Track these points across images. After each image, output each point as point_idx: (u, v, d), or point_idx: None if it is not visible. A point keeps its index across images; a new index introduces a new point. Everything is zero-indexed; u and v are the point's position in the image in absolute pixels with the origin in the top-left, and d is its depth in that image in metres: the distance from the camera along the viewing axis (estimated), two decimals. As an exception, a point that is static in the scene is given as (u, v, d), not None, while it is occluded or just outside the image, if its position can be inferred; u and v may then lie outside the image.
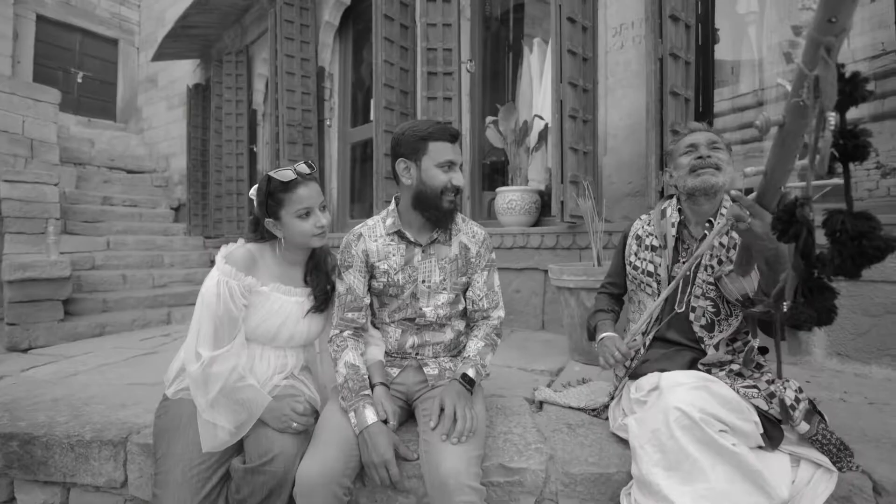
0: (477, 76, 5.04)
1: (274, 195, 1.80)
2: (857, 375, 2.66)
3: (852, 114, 2.96)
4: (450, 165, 1.83)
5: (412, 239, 1.93)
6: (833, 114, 0.85)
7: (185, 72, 9.48)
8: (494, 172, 5.39)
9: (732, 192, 1.39)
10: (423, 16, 4.69)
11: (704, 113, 3.40)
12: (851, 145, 0.87)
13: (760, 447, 1.54)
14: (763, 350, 1.89)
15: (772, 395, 1.58)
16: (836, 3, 0.75)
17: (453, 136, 1.85)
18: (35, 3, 10.28)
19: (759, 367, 1.79)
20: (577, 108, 3.64)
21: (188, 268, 6.86)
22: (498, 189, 4.40)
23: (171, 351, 3.74)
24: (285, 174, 1.78)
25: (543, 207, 4.36)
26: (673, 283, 1.74)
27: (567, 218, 3.58)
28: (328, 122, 6.59)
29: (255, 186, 1.88)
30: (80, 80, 11.13)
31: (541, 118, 4.51)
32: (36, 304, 4.54)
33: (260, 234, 1.90)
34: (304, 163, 1.85)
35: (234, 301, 1.70)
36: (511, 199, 4.24)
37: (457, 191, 1.86)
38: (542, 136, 4.55)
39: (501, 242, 4.21)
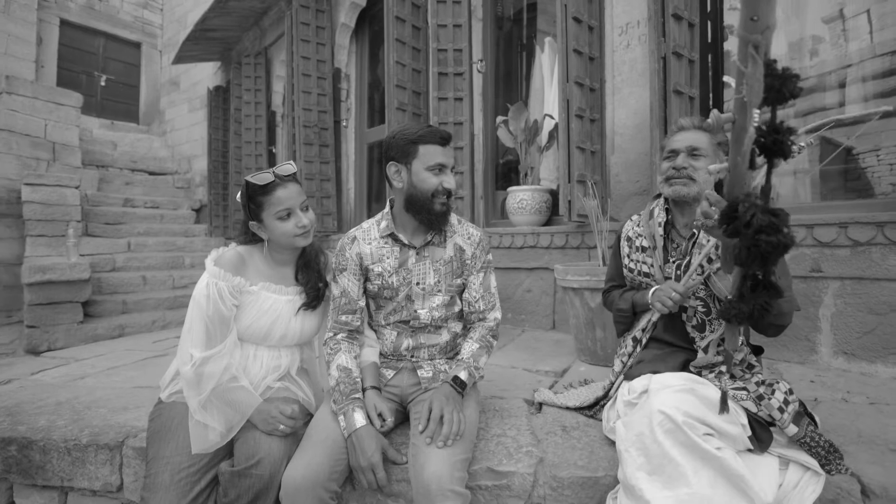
0: (489, 76, 5.04)
1: (253, 199, 1.84)
2: (863, 374, 2.63)
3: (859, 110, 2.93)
4: (440, 168, 1.84)
5: (406, 241, 1.94)
6: (757, 110, 0.86)
7: (206, 74, 9.60)
8: (510, 172, 5.38)
9: (706, 191, 1.38)
10: (433, 16, 4.70)
11: (708, 112, 3.36)
12: (770, 140, 0.87)
13: (749, 450, 1.53)
14: (758, 350, 1.88)
15: (760, 398, 1.57)
16: (755, 2, 0.76)
17: (443, 139, 1.86)
18: (59, 7, 10.43)
19: (749, 367, 1.77)
20: (584, 107, 3.62)
21: (208, 268, 6.89)
22: (509, 189, 4.40)
23: (182, 353, 3.80)
24: (262, 177, 1.82)
25: (554, 207, 4.34)
26: (694, 264, 1.72)
27: (575, 217, 3.57)
28: (345, 123, 6.64)
29: (240, 198, 1.92)
30: (103, 84, 11.25)
31: (551, 117, 4.50)
32: (55, 306, 4.58)
33: (249, 236, 1.93)
34: (288, 163, 1.88)
35: (224, 301, 1.74)
36: (521, 199, 4.24)
37: (448, 193, 1.87)
38: (553, 135, 4.54)
39: (512, 242, 4.22)
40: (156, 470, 1.63)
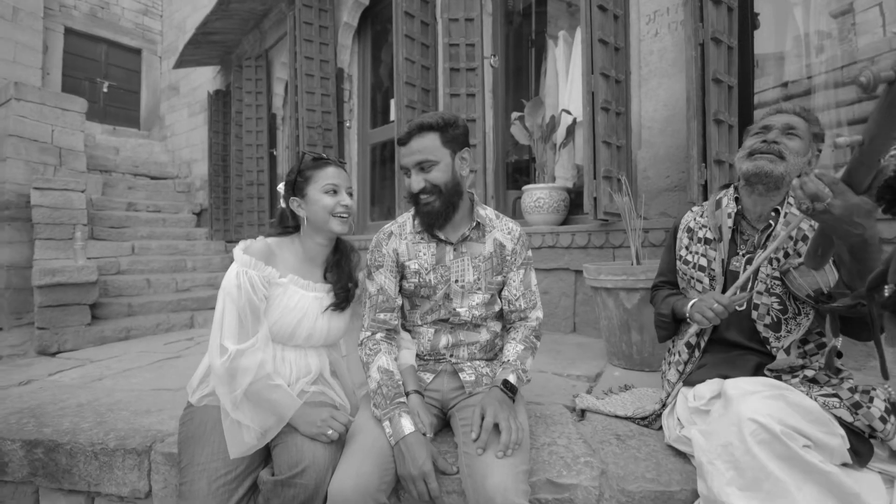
0: (500, 72, 4.91)
1: (304, 171, 1.82)
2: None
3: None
4: (406, 171, 1.76)
5: (442, 237, 1.80)
6: None
7: (205, 79, 9.55)
8: (516, 172, 5.25)
9: (816, 171, 1.21)
10: (444, 11, 4.58)
11: (744, 103, 3.20)
12: None
13: (845, 464, 1.36)
14: (838, 354, 1.70)
15: (857, 406, 1.39)
16: None
17: (401, 141, 1.74)
18: (63, 16, 10.56)
19: (837, 372, 1.60)
20: (610, 99, 3.46)
21: (210, 272, 6.88)
22: (525, 187, 4.24)
23: (195, 355, 3.68)
24: (318, 152, 1.86)
25: (571, 205, 4.20)
26: (747, 272, 1.56)
27: (601, 215, 3.40)
28: (348, 124, 6.50)
29: (287, 175, 1.89)
30: (105, 90, 11.37)
31: (568, 113, 4.35)
32: (64, 308, 4.63)
33: (283, 225, 1.90)
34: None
35: (256, 291, 1.66)
36: (539, 197, 4.08)
37: (418, 193, 1.73)
38: (570, 131, 4.39)
39: (529, 242, 4.04)
40: (191, 477, 1.52)
